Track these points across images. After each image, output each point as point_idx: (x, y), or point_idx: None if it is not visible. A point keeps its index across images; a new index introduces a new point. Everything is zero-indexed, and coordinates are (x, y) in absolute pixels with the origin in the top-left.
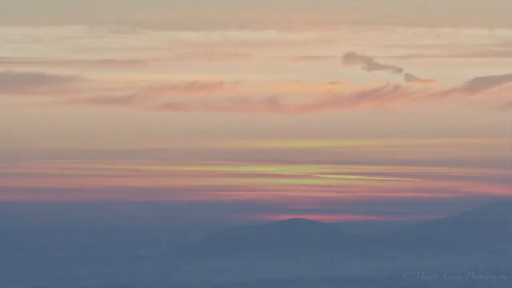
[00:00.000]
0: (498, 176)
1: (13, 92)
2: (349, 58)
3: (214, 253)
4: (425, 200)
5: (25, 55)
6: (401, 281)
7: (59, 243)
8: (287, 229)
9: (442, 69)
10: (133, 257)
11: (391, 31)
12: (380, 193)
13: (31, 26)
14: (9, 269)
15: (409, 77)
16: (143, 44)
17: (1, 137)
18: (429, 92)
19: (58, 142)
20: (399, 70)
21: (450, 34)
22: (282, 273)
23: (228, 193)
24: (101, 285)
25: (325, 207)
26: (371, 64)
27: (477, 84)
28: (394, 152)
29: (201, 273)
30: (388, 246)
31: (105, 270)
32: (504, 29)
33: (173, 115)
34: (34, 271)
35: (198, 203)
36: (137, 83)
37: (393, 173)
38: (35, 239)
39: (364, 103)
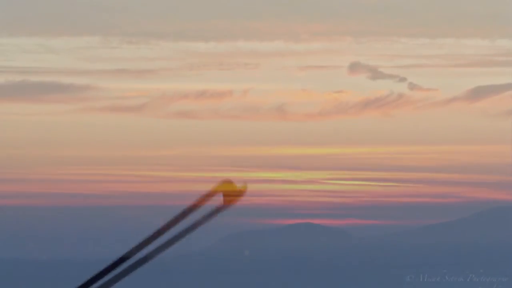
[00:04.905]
0: (499, 182)
1: (29, 101)
2: (354, 67)
3: (221, 256)
4: (428, 205)
5: (40, 65)
6: (404, 283)
7: (72, 247)
8: (294, 233)
9: (444, 78)
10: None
11: (394, 42)
12: (384, 198)
13: (46, 37)
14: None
15: (412, 86)
16: (155, 54)
17: (17, 144)
18: (431, 101)
19: (72, 148)
20: (402, 79)
21: (452, 44)
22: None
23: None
24: None
25: (331, 211)
26: (375, 74)
27: (478, 93)
28: (398, 159)
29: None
30: (391, 249)
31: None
32: (504, 39)
33: (184, 123)
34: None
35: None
36: (149, 92)
37: (396, 179)
38: (50, 244)
39: (369, 111)
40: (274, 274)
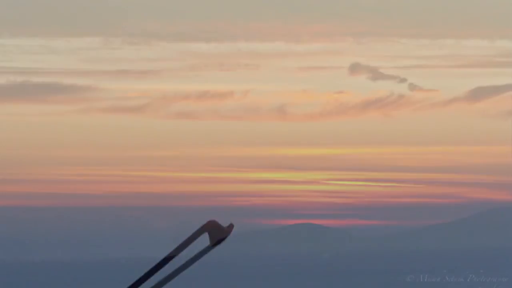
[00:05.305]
0: (499, 182)
1: (31, 101)
2: (355, 68)
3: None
4: (428, 205)
5: (42, 66)
6: (404, 283)
7: (73, 247)
8: (294, 233)
9: (444, 79)
10: (145, 259)
11: (395, 43)
12: (385, 199)
13: (48, 38)
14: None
15: (412, 87)
16: (156, 55)
17: (18, 145)
18: (432, 101)
19: (73, 149)
20: (403, 80)
21: (452, 45)
22: None
23: (238, 198)
24: None
25: (332, 212)
26: (376, 74)
27: (478, 94)
28: (398, 159)
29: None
30: (391, 249)
31: (114, 275)
32: (504, 40)
33: (185, 123)
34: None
35: (209, 208)
36: (150, 92)
37: (397, 179)
38: (50, 243)
39: (369, 112)
40: (275, 274)
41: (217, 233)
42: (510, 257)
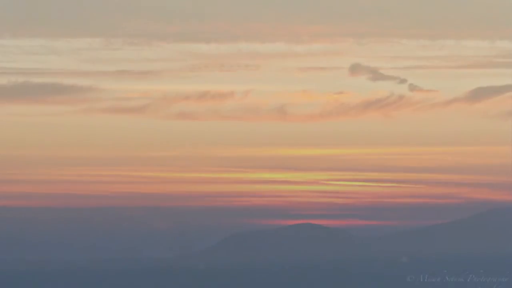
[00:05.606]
0: (499, 182)
1: (31, 102)
2: (355, 69)
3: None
4: (428, 206)
5: (42, 66)
6: (405, 283)
7: (74, 247)
8: (295, 233)
9: (444, 79)
10: (146, 259)
11: (395, 43)
12: (385, 199)
13: (49, 38)
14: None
15: (412, 87)
16: (157, 56)
17: (19, 145)
18: (432, 102)
19: (73, 149)
20: (403, 81)
21: (452, 45)
22: None
23: (239, 199)
24: None
25: (332, 212)
26: (376, 75)
27: (479, 94)
28: (398, 160)
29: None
30: (391, 249)
31: (115, 275)
32: (505, 41)
33: (185, 124)
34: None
35: (210, 209)
36: (151, 93)
37: (397, 179)
38: (50, 243)
39: (369, 113)
40: (275, 274)
41: None
42: (510, 257)
